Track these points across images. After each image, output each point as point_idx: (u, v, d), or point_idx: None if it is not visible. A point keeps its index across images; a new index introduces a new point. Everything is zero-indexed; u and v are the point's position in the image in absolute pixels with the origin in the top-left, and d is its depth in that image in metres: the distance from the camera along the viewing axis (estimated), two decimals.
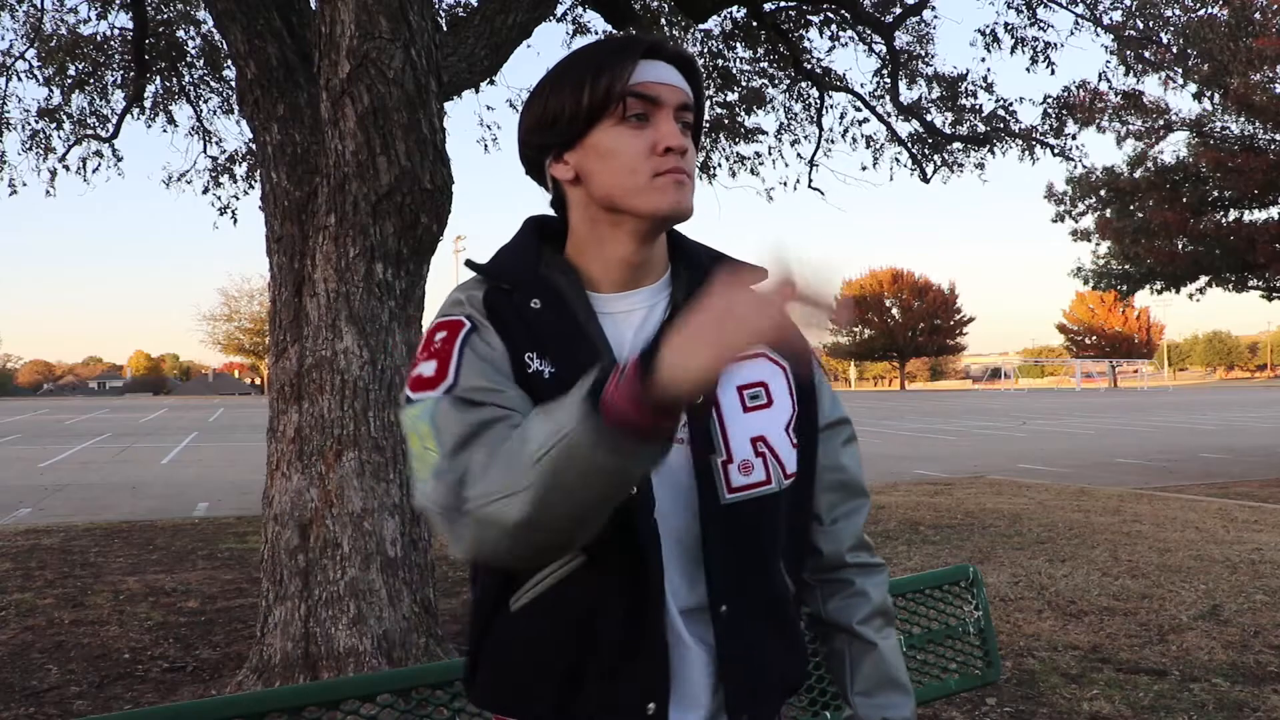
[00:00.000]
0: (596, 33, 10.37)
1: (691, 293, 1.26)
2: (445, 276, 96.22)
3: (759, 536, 1.28)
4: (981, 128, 10.92)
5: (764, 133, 11.49)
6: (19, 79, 9.92)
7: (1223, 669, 4.80)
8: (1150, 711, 4.27)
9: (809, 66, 10.56)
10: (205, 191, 11.20)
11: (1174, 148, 18.10)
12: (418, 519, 4.63)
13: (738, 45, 10.46)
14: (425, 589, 4.63)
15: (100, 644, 5.57)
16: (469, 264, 1.32)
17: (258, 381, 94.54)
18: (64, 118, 10.36)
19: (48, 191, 10.97)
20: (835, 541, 1.42)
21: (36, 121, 10.36)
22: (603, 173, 1.24)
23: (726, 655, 1.24)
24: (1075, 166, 13.41)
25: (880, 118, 11.10)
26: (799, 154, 11.70)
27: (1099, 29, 9.86)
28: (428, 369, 1.20)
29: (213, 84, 10.29)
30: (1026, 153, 11.10)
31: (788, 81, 10.93)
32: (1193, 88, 12.52)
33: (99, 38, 9.76)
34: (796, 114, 11.36)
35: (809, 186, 11.98)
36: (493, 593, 1.28)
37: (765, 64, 10.78)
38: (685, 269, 1.33)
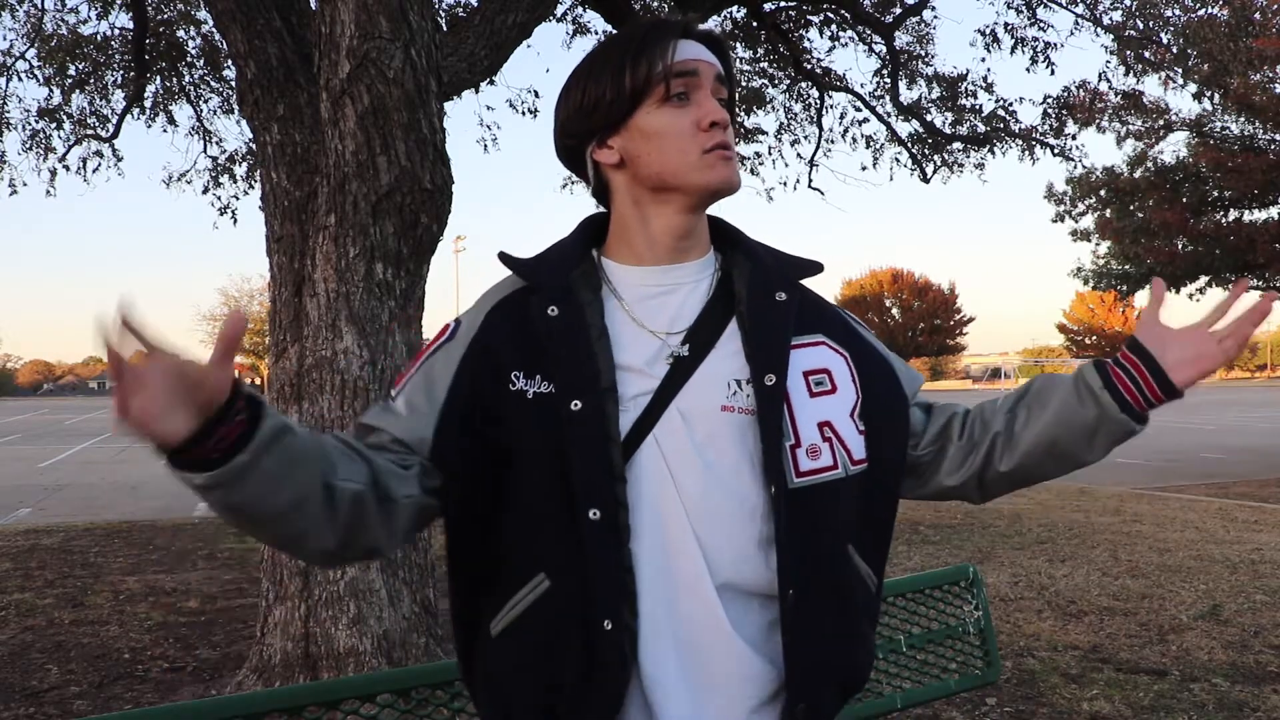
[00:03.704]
0: (596, 33, 10.37)
1: (752, 285, 1.28)
2: (445, 277, 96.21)
3: (829, 521, 1.25)
4: (981, 128, 10.92)
5: (764, 133, 11.51)
6: (19, 79, 9.92)
7: (1223, 669, 4.80)
8: (1150, 711, 4.27)
9: (809, 66, 10.56)
10: (205, 191, 11.21)
11: (1174, 148, 18.11)
12: None
13: (738, 45, 10.46)
14: (425, 589, 4.63)
15: (100, 644, 5.57)
16: (501, 256, 1.32)
17: (258, 381, 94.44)
18: (64, 118, 10.36)
19: (48, 191, 10.97)
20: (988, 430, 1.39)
21: (37, 121, 10.37)
22: (651, 153, 1.25)
23: (791, 640, 1.20)
24: (1075, 166, 13.46)
25: (880, 118, 11.10)
26: (799, 154, 11.72)
27: (1099, 29, 9.87)
28: (406, 368, 1.28)
29: (213, 84, 10.30)
30: (1026, 153, 11.11)
31: (788, 81, 10.93)
32: (1193, 88, 12.54)
33: (99, 38, 9.75)
34: (796, 114, 11.38)
35: (809, 186, 12.00)
36: (466, 615, 1.30)
37: (765, 64, 10.79)
38: (744, 257, 1.32)
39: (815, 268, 1.37)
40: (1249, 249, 16.39)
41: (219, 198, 11.22)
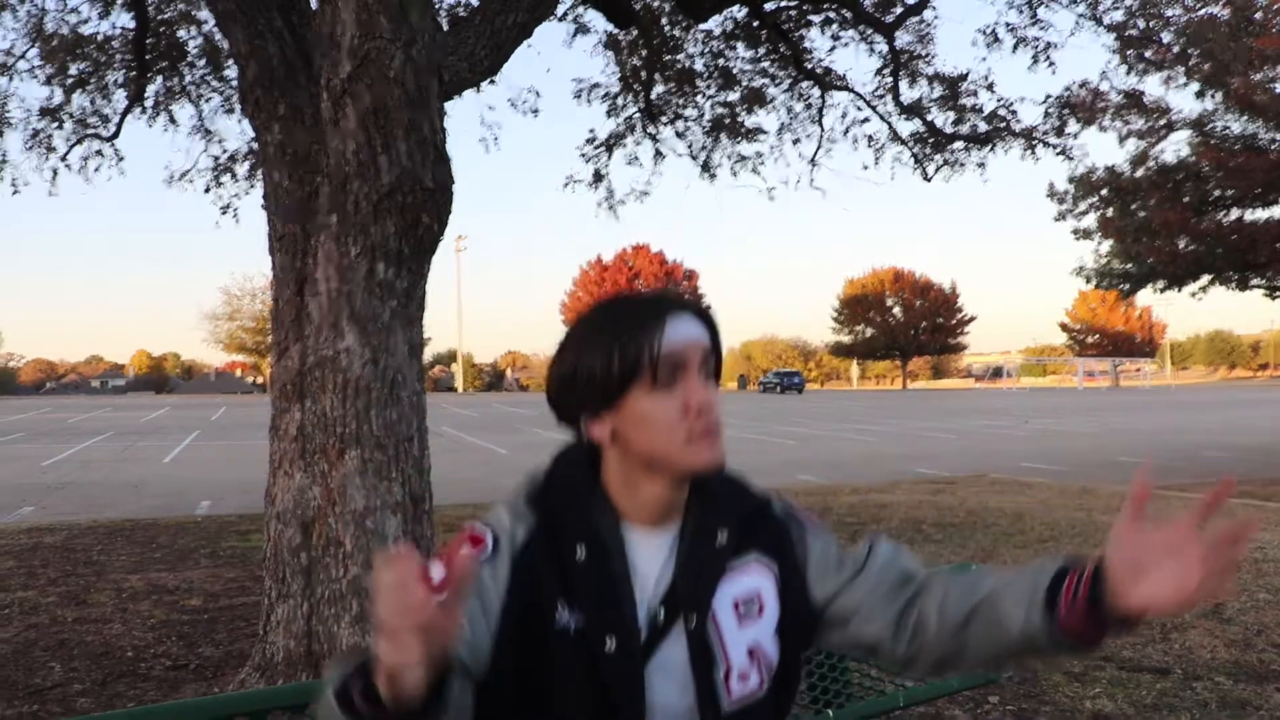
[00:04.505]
0: (597, 32, 10.37)
1: (699, 529, 1.41)
2: (446, 276, 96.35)
3: None
4: (983, 127, 10.91)
5: (765, 132, 11.51)
6: (20, 78, 9.93)
7: (1225, 667, 4.80)
8: (1153, 710, 4.27)
9: (810, 66, 10.56)
10: (207, 190, 11.21)
11: (1175, 147, 18.13)
12: (420, 516, 4.64)
13: (738, 45, 10.46)
14: None
15: (103, 642, 5.58)
16: (529, 500, 1.41)
17: (260, 381, 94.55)
18: (65, 117, 10.36)
19: (50, 191, 10.99)
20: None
21: (38, 121, 10.38)
22: (640, 437, 1.34)
23: None
24: (1077, 166, 13.42)
25: (881, 117, 11.10)
26: (800, 153, 11.75)
27: (1100, 28, 9.86)
28: (436, 573, 1.27)
29: (214, 83, 10.30)
30: (1028, 152, 11.10)
31: (789, 81, 10.93)
32: (1194, 87, 12.56)
33: (100, 37, 9.76)
34: (797, 113, 11.37)
35: (810, 186, 12.00)
36: None
37: (766, 64, 10.78)
38: (697, 504, 1.43)
39: (764, 504, 1.50)
40: (1251, 249, 16.38)
41: (220, 197, 11.24)
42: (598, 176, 11.65)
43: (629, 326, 1.34)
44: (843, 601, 1.47)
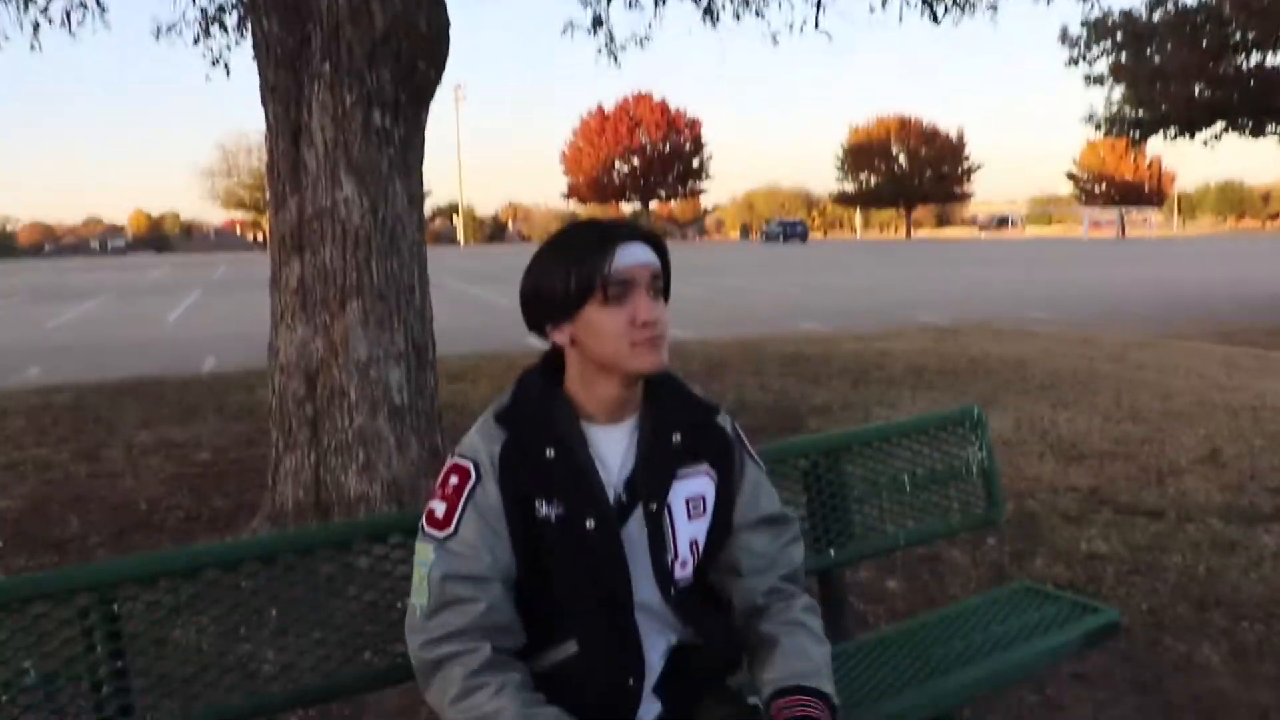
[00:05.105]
0: None
1: (655, 428, 1.67)
2: (445, 127, 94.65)
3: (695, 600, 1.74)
4: None
5: None
6: None
7: (1218, 510, 4.88)
8: (1146, 551, 4.36)
9: None
10: (196, 42, 10.85)
11: None
12: (423, 366, 4.65)
13: None
14: (433, 435, 4.68)
15: (117, 496, 5.68)
16: (496, 418, 1.64)
17: (260, 238, 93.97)
18: None
19: (33, 46, 10.65)
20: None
21: None
22: (593, 342, 1.59)
23: (677, 648, 1.71)
24: (1091, 8, 12.97)
25: None
26: None
27: None
28: (439, 509, 1.61)
29: None
30: None
31: None
32: None
33: None
34: None
35: (815, 29, 11.61)
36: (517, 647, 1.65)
37: None
38: (652, 407, 1.68)
39: (712, 410, 1.76)
40: (1269, 93, 15.99)
41: (210, 49, 10.89)
42: (597, 21, 11.27)
43: (584, 252, 1.57)
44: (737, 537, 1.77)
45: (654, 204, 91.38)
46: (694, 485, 1.71)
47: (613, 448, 1.66)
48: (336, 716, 3.09)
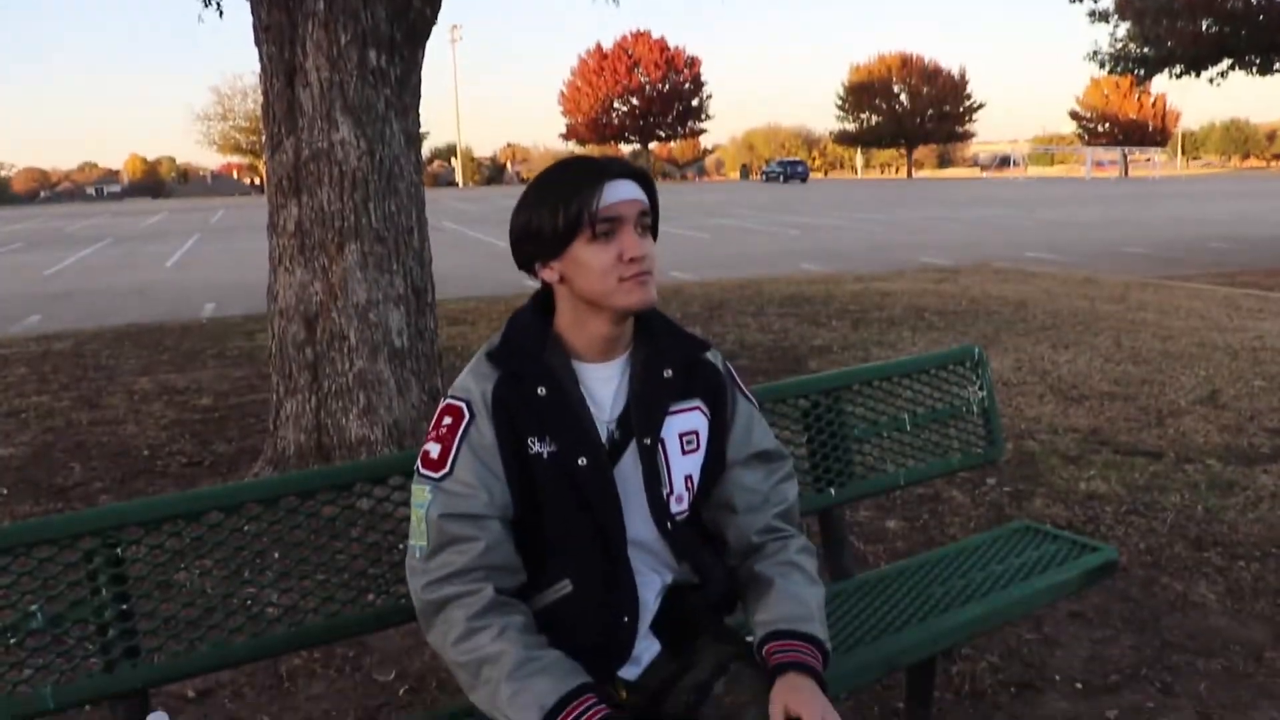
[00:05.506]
0: None
1: (647, 364, 1.68)
2: (442, 69, 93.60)
3: (691, 534, 1.76)
4: None
5: None
6: None
7: (1217, 451, 4.90)
8: (1144, 490, 4.38)
9: None
10: None
11: None
12: (423, 309, 4.64)
13: None
14: (433, 378, 4.68)
15: (119, 442, 5.70)
16: (488, 357, 1.65)
17: (257, 182, 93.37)
18: None
19: None
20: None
21: None
22: (581, 279, 1.59)
23: (673, 587, 1.74)
24: None
25: None
26: None
27: None
28: (434, 450, 1.62)
29: None
30: None
31: None
32: None
33: None
34: None
35: None
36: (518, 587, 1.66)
37: None
38: (643, 345, 1.70)
39: (702, 347, 1.77)
40: (1278, 29, 15.76)
41: None
42: None
43: (572, 190, 1.57)
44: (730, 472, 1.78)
45: (653, 144, 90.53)
46: (687, 420, 1.72)
47: (604, 385, 1.67)
48: (340, 657, 3.12)
